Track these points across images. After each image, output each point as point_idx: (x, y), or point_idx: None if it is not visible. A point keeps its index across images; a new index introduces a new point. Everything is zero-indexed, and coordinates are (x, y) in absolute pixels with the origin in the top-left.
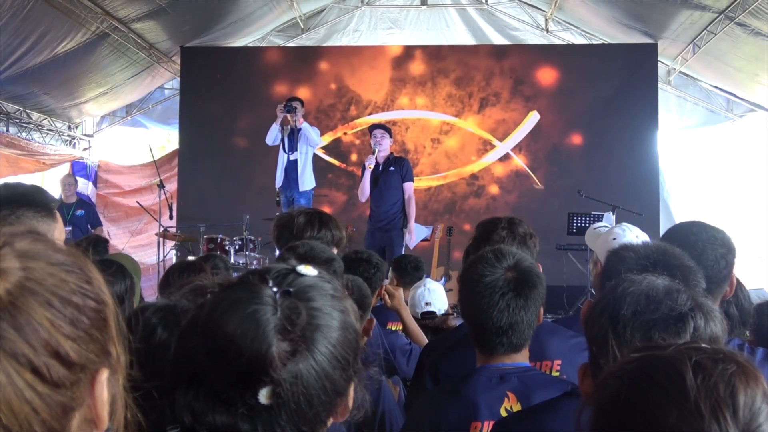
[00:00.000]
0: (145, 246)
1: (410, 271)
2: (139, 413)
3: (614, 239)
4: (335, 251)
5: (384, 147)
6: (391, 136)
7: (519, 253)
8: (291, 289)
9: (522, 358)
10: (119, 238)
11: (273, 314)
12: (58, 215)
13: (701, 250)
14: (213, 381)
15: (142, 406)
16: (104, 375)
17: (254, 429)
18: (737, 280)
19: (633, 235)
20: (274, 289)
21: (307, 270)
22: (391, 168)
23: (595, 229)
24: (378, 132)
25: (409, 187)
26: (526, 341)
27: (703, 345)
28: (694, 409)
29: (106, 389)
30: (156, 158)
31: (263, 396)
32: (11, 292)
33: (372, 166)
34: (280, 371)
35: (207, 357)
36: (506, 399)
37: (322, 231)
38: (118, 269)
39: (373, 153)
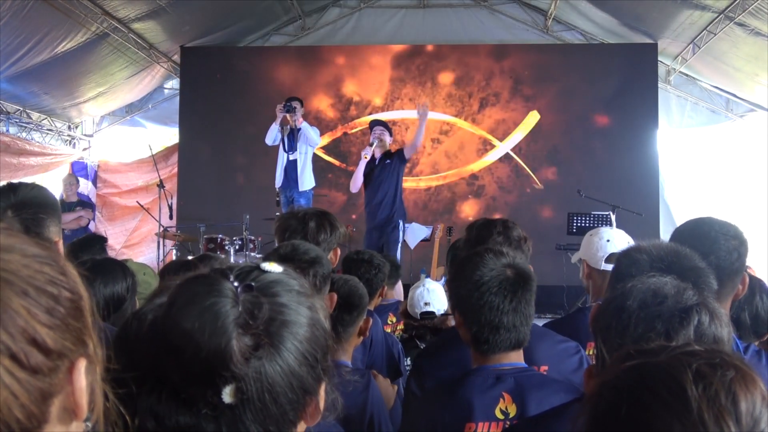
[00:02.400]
0: (136, 245)
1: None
2: (121, 406)
3: (591, 235)
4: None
5: (384, 143)
6: (391, 134)
7: (510, 251)
8: (253, 284)
9: (518, 357)
10: (116, 238)
11: (233, 307)
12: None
13: (713, 240)
14: (174, 380)
15: (123, 400)
16: (82, 364)
17: (218, 429)
18: (761, 283)
19: (608, 228)
20: (235, 284)
21: (272, 267)
22: (387, 161)
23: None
24: (378, 129)
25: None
26: (526, 338)
27: (697, 348)
28: (698, 420)
29: (84, 378)
30: (156, 155)
31: (227, 394)
32: None
33: (368, 156)
34: (242, 367)
35: (167, 355)
36: (501, 400)
37: (333, 234)
38: (119, 268)
39: (371, 145)
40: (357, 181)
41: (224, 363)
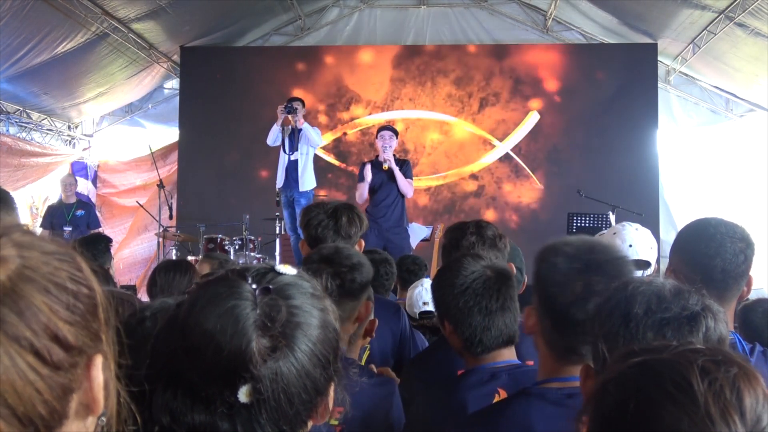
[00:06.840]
0: (125, 240)
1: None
2: (132, 403)
3: (615, 234)
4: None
5: (392, 148)
6: (397, 138)
7: (487, 252)
8: (270, 286)
9: (511, 355)
10: (113, 237)
11: (252, 310)
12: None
13: (720, 242)
14: (192, 379)
15: (134, 397)
16: (99, 360)
17: (233, 428)
18: None
19: (633, 228)
20: (254, 286)
21: (286, 269)
22: (396, 168)
23: (598, 236)
24: (386, 133)
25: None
26: (517, 334)
27: (699, 346)
28: (705, 415)
29: (101, 373)
30: (153, 154)
31: (243, 394)
32: (11, 278)
33: (387, 167)
34: (261, 368)
35: (186, 354)
36: (497, 395)
37: (362, 227)
38: (101, 273)
39: (384, 151)
40: (364, 193)
41: (244, 364)
